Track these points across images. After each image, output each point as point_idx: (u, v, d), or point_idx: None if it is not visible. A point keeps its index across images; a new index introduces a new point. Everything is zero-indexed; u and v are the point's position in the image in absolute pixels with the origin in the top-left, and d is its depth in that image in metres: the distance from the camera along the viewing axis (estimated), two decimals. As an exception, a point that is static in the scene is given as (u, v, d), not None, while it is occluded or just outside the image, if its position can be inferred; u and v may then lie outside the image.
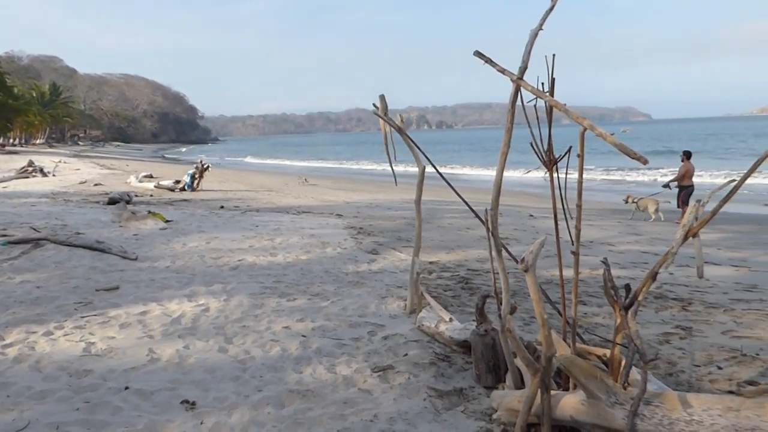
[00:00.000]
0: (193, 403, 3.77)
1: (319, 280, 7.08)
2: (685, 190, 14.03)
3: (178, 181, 19.99)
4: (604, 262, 3.55)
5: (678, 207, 14.20)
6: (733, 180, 3.05)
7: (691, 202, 3.30)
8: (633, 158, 2.48)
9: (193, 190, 19.47)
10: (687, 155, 14.23)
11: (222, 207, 14.64)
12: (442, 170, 5.10)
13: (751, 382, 4.08)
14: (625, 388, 2.97)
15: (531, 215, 14.26)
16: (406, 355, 4.60)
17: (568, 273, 3.63)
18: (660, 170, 30.80)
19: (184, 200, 16.40)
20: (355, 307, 5.94)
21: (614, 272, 3.49)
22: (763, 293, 6.76)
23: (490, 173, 31.14)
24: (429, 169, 5.37)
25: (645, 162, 2.49)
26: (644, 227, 13.06)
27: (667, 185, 14.57)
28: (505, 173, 3.32)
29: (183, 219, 11.88)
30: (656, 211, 14.49)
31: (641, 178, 30.51)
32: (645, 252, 9.45)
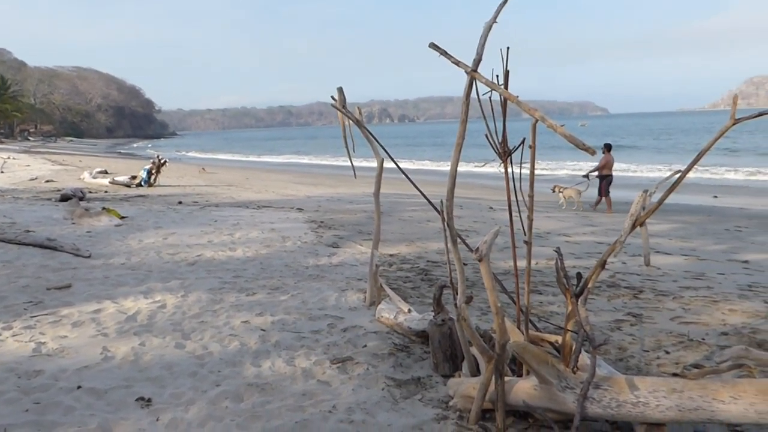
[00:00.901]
0: (149, 400, 3.72)
1: (278, 274, 7.05)
2: (605, 179, 15.13)
3: (134, 177, 19.54)
4: (557, 251, 3.64)
5: (599, 195, 15.29)
6: (678, 171, 3.17)
7: (638, 193, 3.40)
8: (581, 149, 2.55)
9: (150, 185, 19.07)
10: (607, 147, 15.22)
11: (180, 202, 14.39)
12: (403, 164, 5.15)
13: (696, 366, 4.25)
14: (574, 372, 3.05)
15: (491, 207, 14.46)
16: (365, 346, 4.63)
17: (524, 263, 3.70)
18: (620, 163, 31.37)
19: (141, 196, 16.05)
20: (315, 301, 5.94)
21: (569, 262, 3.59)
22: (710, 281, 7.02)
23: (436, 164, 31.24)
24: (390, 163, 5.40)
25: (593, 153, 2.56)
26: (599, 219, 13.39)
27: (586, 176, 15.70)
28: (466, 167, 3.38)
29: (139, 215, 11.63)
30: (579, 199, 15.50)
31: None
32: (600, 242, 9.69)
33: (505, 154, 3.36)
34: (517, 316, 3.67)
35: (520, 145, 3.27)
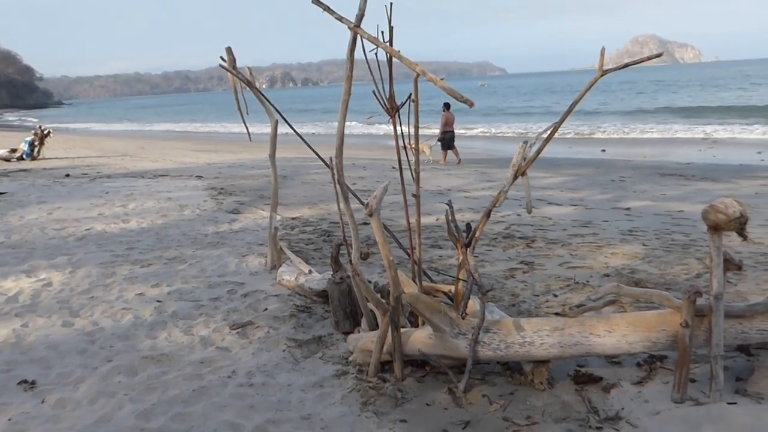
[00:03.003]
0: (33, 383, 3.52)
1: (176, 244, 6.80)
2: (445, 134, 16.90)
3: (14, 150, 18.04)
4: (448, 204, 3.74)
5: (443, 150, 17.07)
6: (554, 123, 3.32)
7: (519, 144, 3.51)
8: (460, 101, 2.60)
9: (33, 158, 17.70)
10: (446, 106, 16.77)
11: (68, 175, 13.47)
12: (306, 127, 5.06)
13: (580, 306, 4.55)
14: (464, 318, 3.18)
15: (393, 167, 14.59)
16: (266, 309, 4.59)
17: (430, 220, 3.77)
18: (527, 124, 32.28)
19: (23, 170, 14.88)
20: (214, 268, 5.80)
21: (468, 216, 3.69)
22: (596, 228, 7.49)
23: (351, 126, 31.12)
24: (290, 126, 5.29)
25: (471, 105, 2.61)
26: (498, 174, 13.89)
27: (438, 137, 17.16)
28: (369, 129, 3.36)
29: (20, 190, 10.80)
30: (430, 154, 16.90)
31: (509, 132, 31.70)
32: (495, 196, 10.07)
33: (392, 110, 3.37)
34: (412, 268, 3.75)
35: (407, 101, 3.29)
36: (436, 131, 17.69)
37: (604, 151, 19.95)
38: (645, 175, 13.31)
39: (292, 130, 5.05)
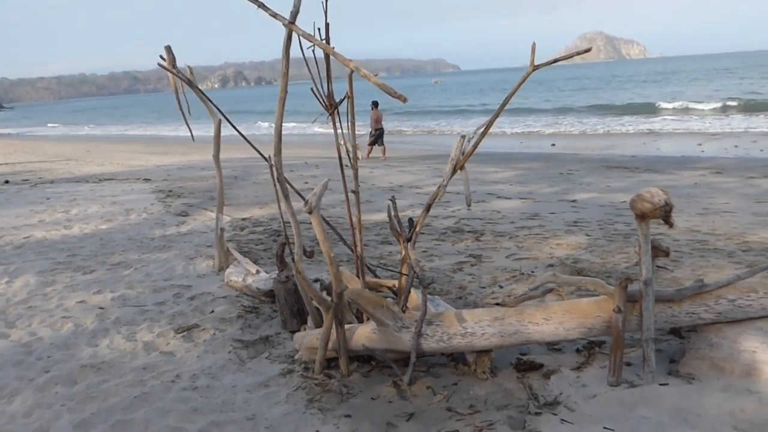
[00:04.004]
0: (-36, 397, 3.38)
1: (120, 249, 6.63)
2: (376, 131, 17.40)
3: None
4: (391, 200, 3.77)
5: (369, 144, 17.49)
6: (488, 119, 3.38)
7: (457, 139, 3.56)
8: (394, 97, 2.61)
9: (-30, 164, 16.96)
10: (375, 104, 17.29)
11: (7, 182, 12.97)
12: (260, 127, 4.99)
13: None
14: (404, 312, 3.21)
15: (347, 165, 14.59)
16: (213, 312, 4.53)
17: (381, 217, 3.78)
18: (469, 121, 32.71)
19: (-42, 177, 14.23)
20: (160, 272, 5.68)
21: (419, 212, 3.70)
22: (543, 220, 7.66)
23: (305, 126, 30.90)
24: (243, 127, 5.22)
25: (404, 100, 2.63)
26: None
27: (371, 134, 17.54)
28: (321, 128, 3.34)
29: (-45, 198, 10.34)
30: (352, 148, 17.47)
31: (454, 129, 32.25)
32: (448, 192, 10.15)
33: (331, 107, 3.38)
34: (356, 264, 3.76)
35: (344, 99, 3.30)
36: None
37: (553, 145, 20.40)
38: (592, 168, 13.67)
39: (237, 131, 4.98)
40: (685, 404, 2.85)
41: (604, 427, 2.71)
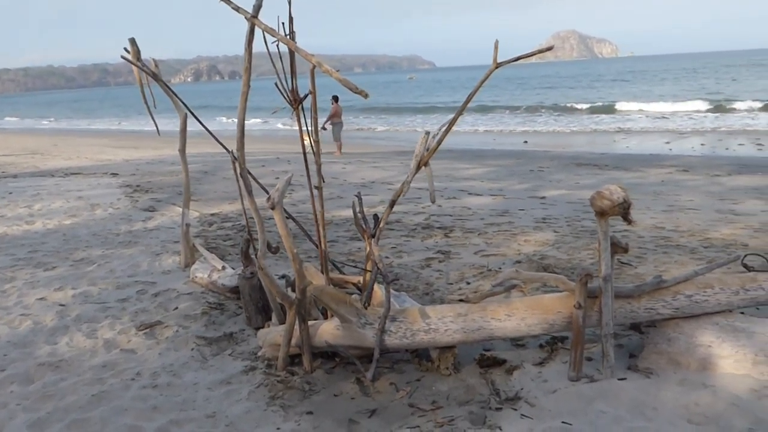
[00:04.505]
0: None
1: (84, 245, 6.50)
2: (336, 126, 17.65)
3: None
4: (357, 196, 3.76)
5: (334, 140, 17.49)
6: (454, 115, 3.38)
7: (421, 135, 3.56)
8: (355, 92, 2.60)
9: (-70, 157, 16.46)
10: (335, 99, 17.40)
11: (-33, 176, 12.62)
12: (220, 122, 4.92)
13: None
14: (366, 308, 3.20)
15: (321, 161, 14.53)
16: (177, 308, 4.47)
17: (351, 213, 3.73)
18: (446, 117, 32.75)
19: None
20: (124, 268, 5.59)
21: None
22: (512, 216, 7.73)
23: (273, 121, 30.60)
24: (219, 121, 5.14)
25: (366, 96, 2.62)
26: (422, 167, 14.08)
27: (323, 127, 17.46)
28: (279, 125, 3.30)
29: None
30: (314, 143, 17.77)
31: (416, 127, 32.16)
32: (419, 188, 10.19)
33: (295, 102, 3.35)
34: (321, 260, 3.75)
35: (308, 94, 3.27)
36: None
37: (526, 142, 20.60)
38: (562, 165, 13.83)
39: (202, 125, 4.91)
40: (643, 398, 2.90)
41: (563, 422, 2.74)
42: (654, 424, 2.70)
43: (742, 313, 3.47)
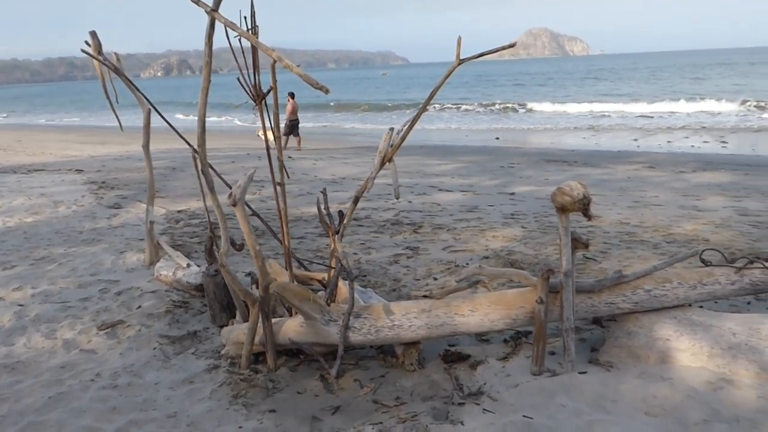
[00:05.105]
0: None
1: (46, 243, 6.35)
2: (292, 122, 17.46)
3: None
4: (323, 192, 3.74)
5: (286, 137, 17.14)
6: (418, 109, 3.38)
7: (385, 131, 3.55)
8: (315, 88, 2.58)
9: None
10: (292, 95, 17.24)
11: (-76, 172, 12.22)
12: (211, 119, 4.83)
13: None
14: (329, 304, 3.19)
15: (289, 156, 14.43)
16: (140, 307, 4.40)
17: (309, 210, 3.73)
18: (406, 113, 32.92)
19: None
20: (87, 266, 5.47)
21: (359, 204, 3.67)
22: (481, 212, 7.78)
23: (245, 117, 30.29)
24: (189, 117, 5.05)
25: (326, 91, 2.60)
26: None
27: (286, 125, 17.50)
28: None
29: None
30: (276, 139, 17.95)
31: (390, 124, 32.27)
32: (389, 184, 10.19)
33: (258, 97, 3.31)
34: (285, 257, 3.72)
35: (270, 91, 3.24)
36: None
37: (497, 138, 20.74)
38: (532, 162, 13.97)
39: (165, 120, 4.83)
40: (603, 391, 2.94)
41: (524, 416, 2.77)
42: (613, 417, 2.75)
43: (701, 307, 3.56)
